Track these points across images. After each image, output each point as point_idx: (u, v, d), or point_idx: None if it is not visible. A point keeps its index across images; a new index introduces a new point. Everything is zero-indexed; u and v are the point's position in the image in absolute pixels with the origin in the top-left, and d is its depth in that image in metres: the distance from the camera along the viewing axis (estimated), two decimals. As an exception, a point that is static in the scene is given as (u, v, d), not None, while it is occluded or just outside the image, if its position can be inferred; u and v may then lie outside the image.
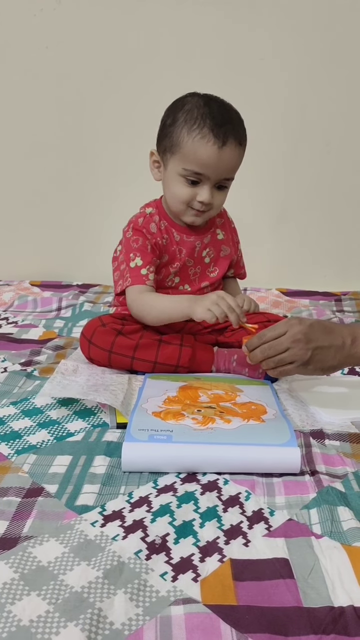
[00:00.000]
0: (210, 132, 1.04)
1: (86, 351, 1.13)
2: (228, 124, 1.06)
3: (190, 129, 1.05)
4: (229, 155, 1.06)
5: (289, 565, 0.63)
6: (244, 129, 1.10)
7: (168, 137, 1.09)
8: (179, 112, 1.08)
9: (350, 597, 0.59)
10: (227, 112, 1.08)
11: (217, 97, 1.10)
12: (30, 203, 1.87)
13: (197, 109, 1.06)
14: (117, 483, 0.79)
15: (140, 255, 1.13)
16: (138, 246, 1.14)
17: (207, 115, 1.05)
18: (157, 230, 1.16)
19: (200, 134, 1.04)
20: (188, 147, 1.06)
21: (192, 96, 1.10)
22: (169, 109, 1.12)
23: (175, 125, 1.07)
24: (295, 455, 0.81)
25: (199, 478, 0.80)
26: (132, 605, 0.58)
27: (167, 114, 1.11)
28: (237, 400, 0.99)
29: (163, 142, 1.11)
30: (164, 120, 1.12)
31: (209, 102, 1.07)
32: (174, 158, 1.09)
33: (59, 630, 0.54)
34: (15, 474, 0.80)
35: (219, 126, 1.04)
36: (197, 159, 1.06)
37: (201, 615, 0.57)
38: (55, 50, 1.71)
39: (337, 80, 1.72)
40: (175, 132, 1.07)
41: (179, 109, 1.08)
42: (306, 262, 1.92)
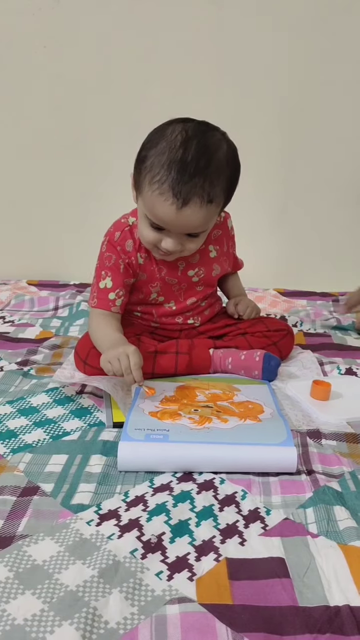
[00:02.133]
0: (170, 190, 0.92)
1: (82, 369, 1.10)
2: (197, 178, 0.92)
3: (152, 180, 0.93)
4: (190, 216, 0.94)
5: (284, 564, 0.63)
6: (225, 178, 0.97)
7: (137, 172, 0.99)
8: (151, 150, 0.95)
9: (346, 596, 0.59)
10: (204, 158, 0.92)
11: (205, 132, 0.95)
12: (27, 202, 1.87)
13: (168, 152, 0.92)
14: (113, 482, 0.78)
15: (111, 276, 1.08)
16: (110, 264, 1.08)
17: (174, 165, 0.91)
18: (133, 248, 1.08)
19: (159, 189, 0.92)
20: (147, 198, 0.95)
21: (173, 128, 0.95)
22: (147, 139, 0.99)
23: (143, 166, 0.96)
24: (291, 454, 0.80)
25: (195, 477, 0.80)
26: (127, 604, 0.57)
27: (143, 146, 0.99)
28: (235, 399, 0.99)
29: (135, 172, 1.00)
30: (140, 151, 0.99)
31: (186, 143, 0.92)
32: (139, 198, 1.00)
33: (53, 629, 0.54)
34: (11, 472, 0.79)
35: (183, 182, 0.91)
36: (154, 214, 0.96)
37: (197, 614, 0.56)
38: (53, 49, 1.71)
39: (335, 77, 1.72)
40: (142, 173, 0.96)
41: (154, 144, 0.95)
42: (304, 262, 1.92)
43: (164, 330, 1.18)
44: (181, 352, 1.10)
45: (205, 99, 1.74)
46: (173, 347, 1.11)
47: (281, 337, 1.19)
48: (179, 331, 1.19)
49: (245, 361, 1.11)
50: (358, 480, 0.79)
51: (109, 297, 1.08)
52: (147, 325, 1.18)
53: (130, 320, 1.18)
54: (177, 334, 1.19)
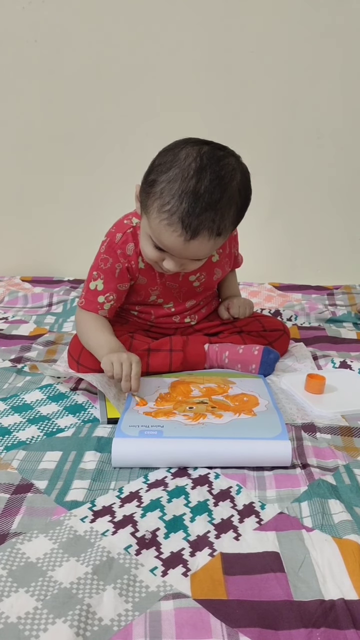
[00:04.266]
0: (180, 222, 0.88)
1: (75, 368, 1.09)
2: (208, 213, 0.89)
3: (161, 208, 0.89)
4: (197, 247, 0.92)
5: (279, 559, 0.63)
6: (235, 210, 0.94)
7: (145, 194, 0.94)
8: (162, 175, 0.90)
9: (341, 590, 0.59)
10: (217, 191, 0.89)
11: (219, 160, 0.90)
12: (20, 198, 1.86)
13: (180, 181, 0.88)
14: (108, 478, 0.78)
15: (104, 279, 1.06)
16: (105, 268, 1.06)
17: (186, 196, 0.87)
18: (134, 252, 1.05)
19: (168, 220, 0.89)
20: (154, 225, 0.92)
21: (187, 153, 0.90)
22: (158, 161, 0.93)
23: (152, 190, 0.91)
24: (286, 448, 0.80)
25: (190, 472, 0.80)
26: (121, 600, 0.57)
27: (153, 168, 0.93)
28: (230, 392, 0.99)
29: (142, 192, 0.96)
30: (149, 171, 0.94)
31: (200, 172, 0.88)
32: (145, 218, 0.96)
33: (47, 627, 0.54)
34: (4, 470, 0.79)
35: (193, 216, 0.88)
36: (160, 241, 0.93)
37: (191, 610, 0.56)
38: (44, 43, 1.69)
39: (328, 74, 1.72)
40: (150, 197, 0.92)
41: (165, 169, 0.90)
42: (299, 256, 1.92)
43: (160, 328, 1.18)
44: (175, 350, 1.09)
45: (201, 93, 1.73)
46: (167, 345, 1.10)
47: (277, 337, 1.19)
48: (174, 329, 1.19)
49: (243, 355, 1.10)
50: (353, 473, 0.79)
51: (98, 299, 1.07)
52: (142, 324, 1.18)
53: (125, 318, 1.17)
54: (173, 331, 1.18)
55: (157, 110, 1.74)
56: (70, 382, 1.07)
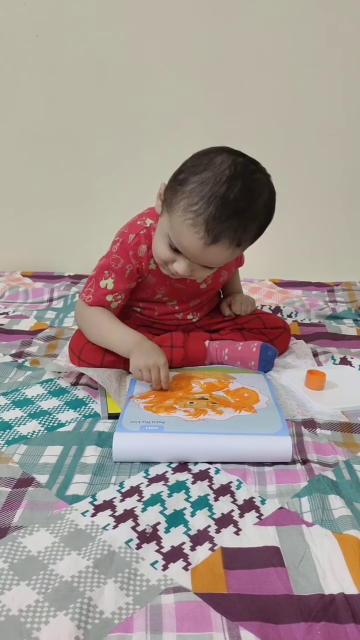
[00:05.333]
0: (204, 224, 0.89)
1: (76, 364, 1.09)
2: (232, 221, 0.89)
3: (188, 208, 0.90)
4: (215, 253, 0.93)
5: (279, 553, 0.63)
6: (258, 226, 0.95)
7: (172, 191, 0.94)
8: (195, 176, 0.90)
9: (340, 584, 0.59)
10: (245, 201, 0.90)
11: (252, 174, 0.92)
12: (21, 193, 1.85)
13: (212, 185, 0.88)
14: (108, 473, 0.78)
15: (114, 278, 1.06)
16: (116, 267, 1.06)
17: (215, 201, 0.88)
18: (145, 254, 1.05)
19: (193, 221, 0.89)
20: (177, 223, 0.92)
21: (223, 160, 0.90)
22: (192, 162, 0.93)
23: (182, 189, 0.91)
24: (286, 444, 0.80)
25: (191, 467, 0.80)
26: (122, 594, 0.58)
27: (185, 167, 0.94)
28: (230, 387, 0.99)
29: (168, 190, 0.96)
30: (180, 170, 0.95)
31: (232, 180, 0.89)
32: (167, 215, 0.95)
33: (48, 620, 0.54)
34: (5, 464, 0.79)
35: (219, 221, 0.88)
36: (179, 240, 0.93)
37: (192, 603, 0.56)
38: (45, 38, 1.69)
39: (331, 71, 1.71)
40: (177, 195, 0.92)
41: (198, 170, 0.90)
42: (299, 252, 1.92)
43: (162, 324, 1.18)
44: (176, 346, 1.10)
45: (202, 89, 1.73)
46: (167, 341, 1.10)
47: (278, 335, 1.19)
48: (176, 326, 1.19)
49: (242, 352, 1.10)
50: (353, 469, 0.79)
51: (107, 298, 1.07)
52: (144, 319, 1.18)
53: (127, 314, 1.17)
54: (174, 328, 1.18)
55: (158, 105, 1.74)
56: (71, 377, 1.07)
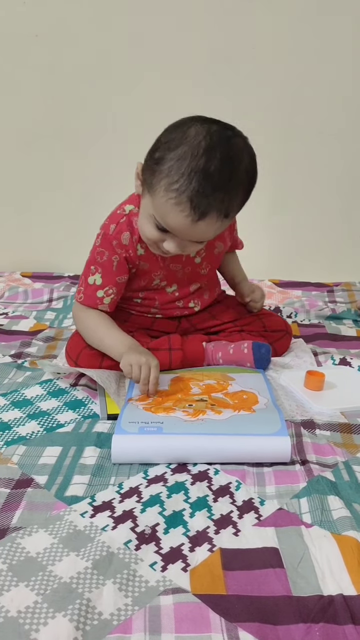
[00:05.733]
0: (189, 201, 0.86)
1: (73, 366, 1.08)
2: (217, 193, 0.86)
3: (169, 187, 0.87)
4: (203, 229, 0.90)
5: (278, 554, 0.63)
6: (243, 192, 0.92)
7: (150, 171, 0.91)
8: (170, 152, 0.87)
9: (339, 586, 0.59)
10: (227, 171, 0.87)
11: (229, 140, 0.89)
12: (21, 193, 1.85)
13: (190, 159, 0.85)
14: (107, 474, 0.78)
15: (102, 272, 1.04)
16: (102, 260, 1.04)
17: (196, 176, 0.85)
18: (130, 241, 1.03)
19: (177, 199, 0.86)
20: (160, 204, 0.89)
21: (196, 131, 0.87)
22: (165, 138, 0.91)
23: (159, 168, 0.88)
24: (285, 444, 0.80)
25: (190, 468, 0.80)
26: (121, 595, 0.57)
27: (159, 144, 0.91)
28: (229, 389, 0.99)
29: (146, 170, 0.94)
30: (154, 148, 0.92)
31: (210, 151, 0.86)
32: (148, 197, 0.93)
33: (47, 621, 0.54)
34: (5, 465, 0.79)
35: (203, 195, 0.86)
36: (166, 221, 0.91)
37: (190, 604, 0.56)
38: (45, 38, 1.69)
39: (329, 70, 1.71)
40: (156, 175, 0.89)
41: (173, 146, 0.88)
42: (298, 253, 1.92)
43: (162, 319, 1.16)
44: (174, 348, 1.09)
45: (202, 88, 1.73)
46: (165, 344, 1.09)
47: (278, 338, 1.18)
48: (177, 319, 1.17)
49: (234, 355, 1.10)
50: (352, 470, 0.79)
51: (97, 294, 1.05)
52: (144, 316, 1.16)
53: (127, 310, 1.16)
54: (175, 323, 1.17)
55: (158, 105, 1.73)
56: (70, 377, 1.07)
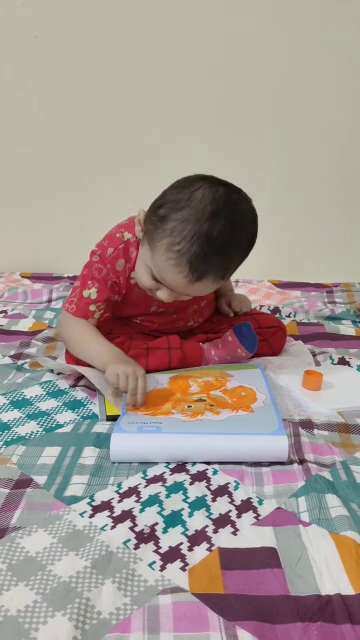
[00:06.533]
0: (188, 264, 0.87)
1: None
2: (217, 257, 0.88)
3: (170, 247, 0.88)
4: (199, 288, 0.93)
5: (276, 554, 0.64)
6: (242, 255, 0.94)
7: (153, 226, 0.92)
8: (175, 213, 0.88)
9: (337, 585, 0.59)
10: (229, 237, 0.88)
11: (235, 205, 0.89)
12: (21, 194, 1.86)
13: (194, 223, 0.86)
14: (106, 474, 0.78)
15: (98, 288, 1.04)
16: (99, 277, 1.04)
17: (198, 240, 0.86)
18: (123, 268, 1.04)
19: (176, 260, 0.88)
20: (160, 262, 0.91)
21: (203, 194, 0.88)
22: (171, 197, 0.91)
23: (163, 226, 0.89)
24: (283, 443, 0.81)
25: (188, 468, 0.80)
26: (120, 594, 0.58)
27: (164, 201, 0.91)
28: (228, 385, 0.99)
29: (148, 223, 0.94)
30: (159, 204, 0.92)
31: (215, 217, 0.87)
32: (148, 249, 0.94)
33: (46, 620, 0.54)
34: (4, 465, 0.79)
35: (203, 260, 0.87)
36: (163, 278, 0.93)
37: (189, 604, 0.57)
38: (44, 39, 1.69)
39: (329, 69, 1.71)
40: (158, 232, 0.90)
41: (178, 207, 0.88)
42: (298, 253, 1.92)
43: (161, 333, 1.16)
44: (173, 348, 1.09)
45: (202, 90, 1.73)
46: (165, 343, 1.10)
47: (272, 334, 1.19)
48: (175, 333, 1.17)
49: (223, 348, 1.11)
50: (349, 469, 0.80)
51: (90, 308, 1.05)
52: (143, 328, 1.16)
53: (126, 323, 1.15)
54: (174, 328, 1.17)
55: (157, 106, 1.74)
56: (70, 378, 1.07)
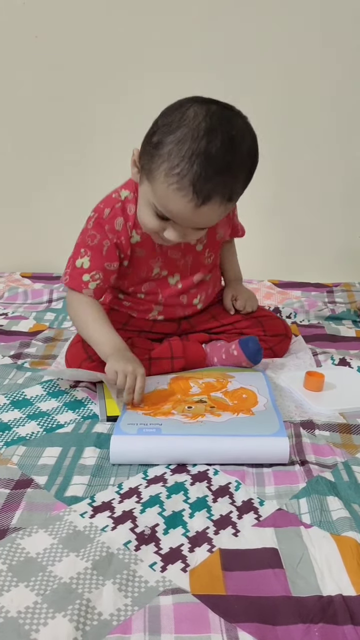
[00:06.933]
0: (191, 186, 0.83)
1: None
2: (220, 176, 0.84)
3: (170, 171, 0.84)
4: (207, 214, 0.88)
5: (278, 555, 0.63)
6: (246, 174, 0.90)
7: (148, 156, 0.88)
8: (169, 135, 0.85)
9: (338, 586, 0.59)
10: (230, 153, 0.84)
11: (229, 120, 0.86)
12: (21, 194, 1.85)
13: (190, 142, 0.82)
14: (107, 474, 0.78)
15: (90, 256, 1.01)
16: (92, 244, 1.01)
17: (198, 159, 0.82)
18: (123, 227, 1.01)
19: (178, 184, 0.84)
20: (160, 190, 0.87)
21: (195, 112, 0.84)
22: (163, 120, 0.88)
23: (158, 152, 0.86)
24: (284, 445, 0.80)
25: (189, 469, 0.80)
26: (120, 595, 0.58)
27: (157, 127, 0.88)
28: (229, 387, 0.99)
29: (143, 155, 0.91)
30: (152, 132, 0.89)
31: (211, 133, 0.83)
32: (147, 184, 0.90)
33: (47, 622, 0.54)
34: (4, 465, 0.79)
35: (205, 180, 0.83)
36: (167, 208, 0.88)
37: (190, 605, 0.57)
38: (44, 39, 1.69)
39: (327, 70, 1.71)
40: (155, 160, 0.86)
41: (172, 129, 0.85)
42: (298, 253, 1.92)
43: (163, 322, 1.15)
44: (176, 357, 1.08)
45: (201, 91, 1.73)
46: (167, 352, 1.08)
47: (277, 342, 1.17)
48: (178, 321, 1.16)
49: (227, 360, 1.10)
50: (351, 470, 0.80)
51: (83, 278, 1.01)
52: (144, 320, 1.15)
53: (127, 314, 1.14)
54: (176, 325, 1.16)
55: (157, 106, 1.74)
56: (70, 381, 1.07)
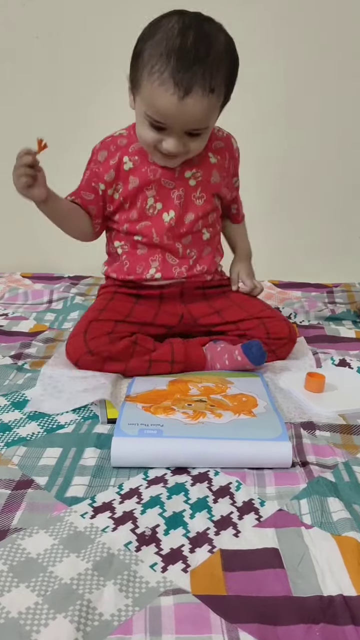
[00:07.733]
0: (171, 78, 0.89)
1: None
2: (197, 66, 0.89)
3: (151, 71, 0.91)
4: (193, 106, 0.93)
5: (278, 555, 0.63)
6: (225, 68, 0.95)
7: (133, 70, 0.97)
8: (148, 42, 0.93)
9: (339, 586, 0.59)
10: (203, 47, 0.90)
11: (203, 22, 0.93)
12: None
13: (166, 41, 0.90)
14: (107, 475, 0.78)
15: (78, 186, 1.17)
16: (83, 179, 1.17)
17: (174, 54, 0.89)
18: (106, 158, 1.11)
19: (159, 80, 0.90)
20: (147, 93, 0.93)
21: (169, 18, 0.93)
22: (142, 33, 0.96)
23: (140, 61, 0.94)
24: (286, 449, 0.80)
25: (190, 470, 0.80)
26: (121, 596, 0.58)
27: (139, 40, 0.96)
28: (228, 392, 0.99)
29: (130, 73, 0.99)
30: (135, 47, 0.97)
31: (184, 31, 0.90)
32: (137, 97, 0.98)
33: (47, 622, 0.54)
34: (5, 466, 0.79)
35: (183, 70, 0.89)
36: (155, 108, 0.94)
37: (191, 605, 0.57)
38: (45, 39, 1.69)
39: (330, 68, 1.72)
40: (138, 68, 0.94)
41: (149, 36, 0.93)
42: (298, 253, 1.92)
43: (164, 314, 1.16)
44: (177, 362, 1.08)
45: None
46: (168, 355, 1.08)
47: (281, 346, 1.16)
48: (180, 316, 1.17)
49: (230, 365, 1.09)
50: (352, 470, 0.80)
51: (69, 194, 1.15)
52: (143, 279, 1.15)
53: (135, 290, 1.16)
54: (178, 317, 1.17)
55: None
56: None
